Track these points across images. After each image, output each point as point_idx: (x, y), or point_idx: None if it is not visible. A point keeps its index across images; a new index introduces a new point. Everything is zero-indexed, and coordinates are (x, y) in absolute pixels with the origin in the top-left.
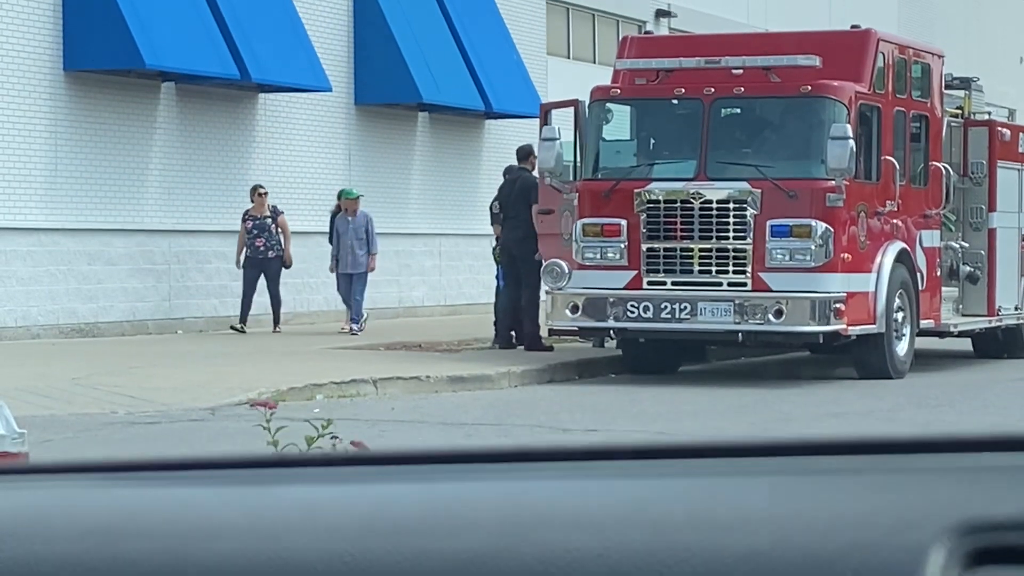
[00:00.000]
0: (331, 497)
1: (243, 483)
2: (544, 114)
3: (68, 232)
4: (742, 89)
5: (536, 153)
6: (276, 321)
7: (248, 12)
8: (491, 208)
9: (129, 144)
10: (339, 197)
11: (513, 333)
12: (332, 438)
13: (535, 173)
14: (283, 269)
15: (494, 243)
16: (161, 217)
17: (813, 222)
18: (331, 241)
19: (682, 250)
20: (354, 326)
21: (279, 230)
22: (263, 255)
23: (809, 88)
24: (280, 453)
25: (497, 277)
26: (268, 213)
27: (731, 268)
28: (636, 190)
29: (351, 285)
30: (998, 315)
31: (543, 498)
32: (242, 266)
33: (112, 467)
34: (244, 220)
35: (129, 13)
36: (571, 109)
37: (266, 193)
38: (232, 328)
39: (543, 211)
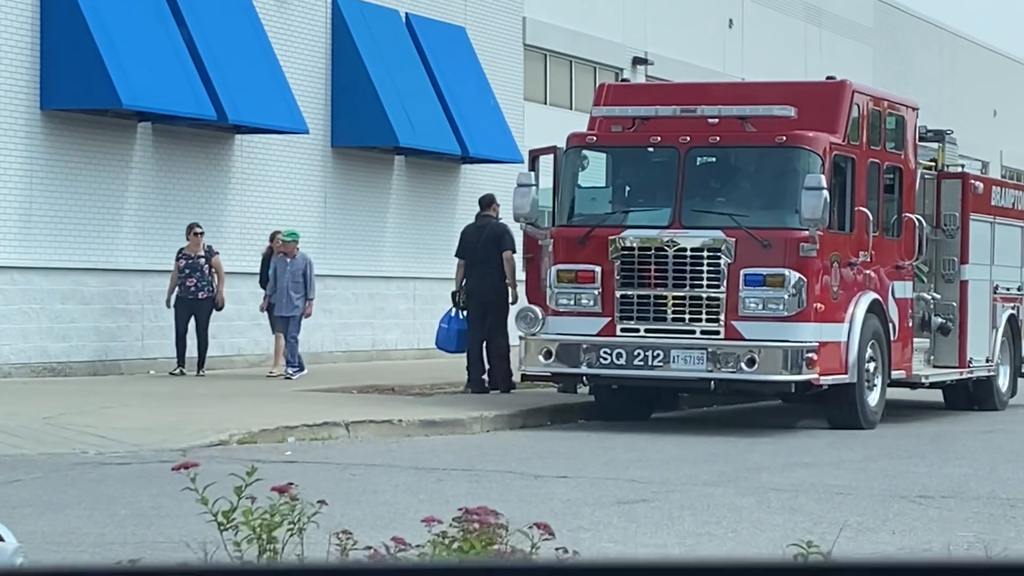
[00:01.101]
0: None
1: None
2: (532, 160)
3: (41, 271)
4: (718, 138)
5: (498, 202)
6: (200, 364)
7: (226, 53)
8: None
9: (104, 184)
10: (271, 239)
11: (486, 377)
12: (250, 483)
13: (501, 220)
14: (214, 311)
15: (462, 292)
16: (135, 257)
17: (787, 271)
18: (261, 283)
19: (656, 297)
20: (290, 370)
21: (212, 271)
22: (193, 296)
23: (784, 138)
24: (243, 564)
25: (442, 321)
26: (202, 253)
27: (704, 316)
28: (611, 237)
29: (287, 328)
30: (969, 367)
31: None
32: (172, 306)
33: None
34: (177, 259)
35: (107, 53)
36: (551, 155)
37: (202, 233)
38: (171, 374)
39: (529, 257)
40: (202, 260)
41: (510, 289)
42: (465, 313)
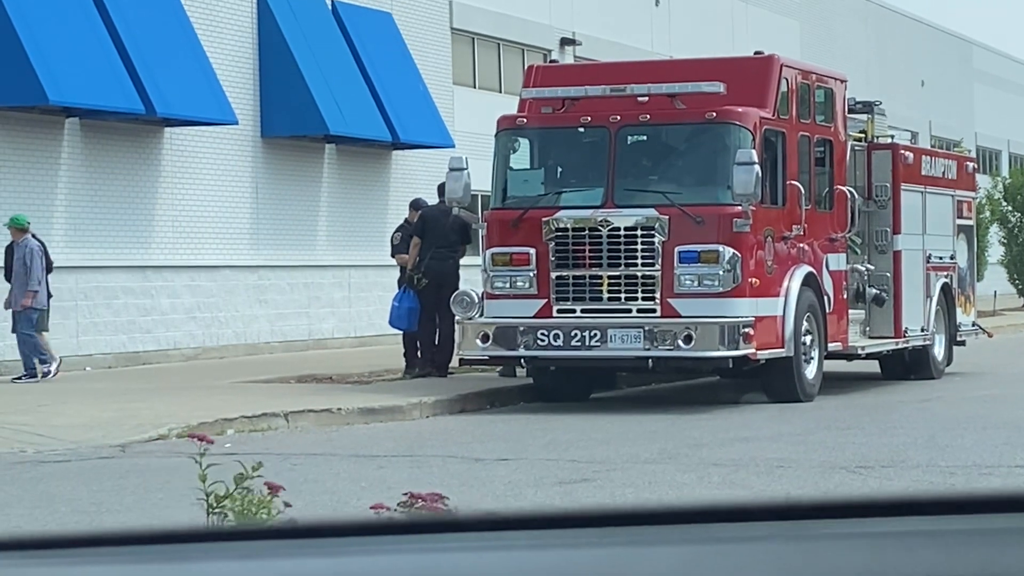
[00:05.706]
0: (244, 573)
1: (156, 560)
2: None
3: None
4: (648, 116)
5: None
6: None
7: (152, 46)
8: (392, 240)
9: (34, 181)
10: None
11: (420, 360)
12: (251, 477)
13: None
14: None
15: (419, 271)
16: (68, 253)
17: (720, 247)
18: (6, 277)
19: (591, 278)
20: (45, 367)
21: None
22: None
23: (714, 114)
24: (188, 526)
25: (396, 299)
26: None
27: (640, 295)
28: (544, 219)
29: (17, 323)
30: (904, 337)
31: (458, 571)
32: None
33: (19, 544)
34: None
35: (32, 49)
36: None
37: None
38: None
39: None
40: None
41: None
42: (420, 289)
